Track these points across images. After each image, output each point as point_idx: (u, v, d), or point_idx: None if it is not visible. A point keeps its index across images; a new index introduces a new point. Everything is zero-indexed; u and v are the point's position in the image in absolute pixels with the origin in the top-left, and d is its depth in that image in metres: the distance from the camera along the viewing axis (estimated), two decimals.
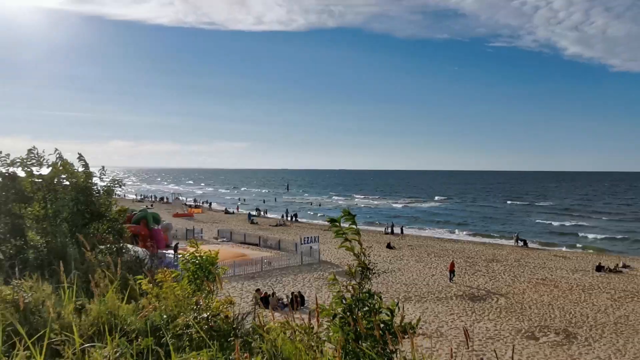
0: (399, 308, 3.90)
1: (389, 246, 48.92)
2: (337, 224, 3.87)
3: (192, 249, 6.10)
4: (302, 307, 25.31)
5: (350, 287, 3.74)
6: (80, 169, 7.71)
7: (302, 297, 27.09)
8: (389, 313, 3.89)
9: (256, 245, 47.53)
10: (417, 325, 3.51)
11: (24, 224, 6.98)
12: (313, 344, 3.57)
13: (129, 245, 12.76)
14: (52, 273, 5.35)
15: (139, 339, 3.60)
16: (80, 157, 7.74)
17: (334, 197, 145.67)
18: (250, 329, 4.36)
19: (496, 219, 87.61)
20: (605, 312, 26.71)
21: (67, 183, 7.65)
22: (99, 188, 8.02)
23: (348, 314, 3.72)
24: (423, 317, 24.78)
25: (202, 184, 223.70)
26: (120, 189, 9.34)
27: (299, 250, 40.59)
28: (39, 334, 3.29)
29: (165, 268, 5.93)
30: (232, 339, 3.72)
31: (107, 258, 6.28)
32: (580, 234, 67.31)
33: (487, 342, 21.46)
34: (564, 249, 54.62)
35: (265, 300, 26.02)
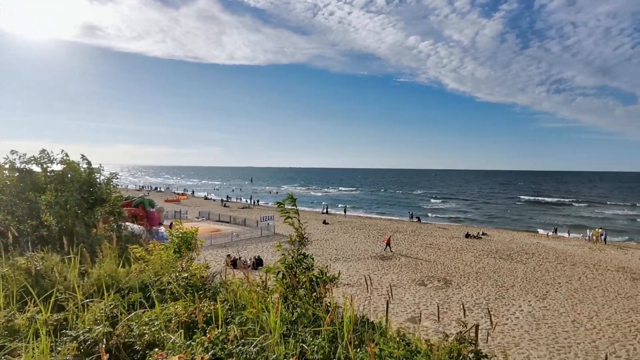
0: (327, 268, 3.95)
1: (324, 222, 49.20)
2: (282, 205, 3.87)
3: (177, 226, 5.91)
4: (260, 268, 24.97)
5: (291, 251, 3.76)
6: (84, 166, 7.27)
7: (260, 260, 26.75)
8: (320, 270, 3.93)
9: (228, 222, 46.40)
10: (338, 278, 3.58)
11: (39, 208, 6.49)
12: (264, 293, 3.56)
13: (128, 224, 12.12)
14: (62, 247, 5.01)
15: (130, 294, 3.45)
16: (83, 157, 7.31)
17: (286, 187, 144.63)
18: (219, 284, 4.28)
19: (400, 202, 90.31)
20: (470, 265, 28.07)
21: (74, 176, 7.18)
22: (101, 180, 7.58)
23: (289, 271, 3.72)
24: (348, 272, 25.16)
25: (189, 178, 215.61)
26: (120, 181, 8.89)
27: (259, 226, 40.05)
28: (47, 294, 3.09)
29: (157, 241, 5.71)
30: (202, 292, 3.65)
31: (108, 234, 5.95)
32: (454, 213, 70.63)
33: (392, 288, 22.01)
34: (445, 222, 57.17)
35: (234, 263, 25.51)
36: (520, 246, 36.45)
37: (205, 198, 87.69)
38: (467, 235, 41.09)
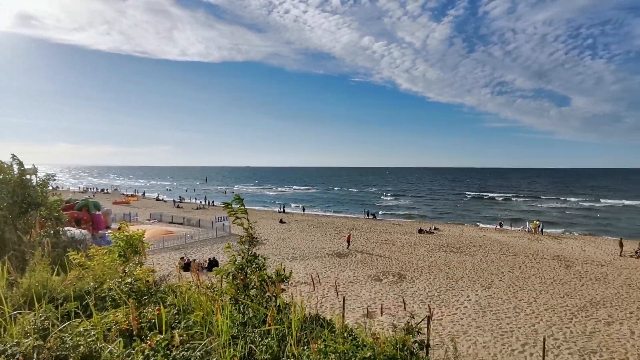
0: (283, 267, 3.91)
1: (281, 221, 48.96)
2: (230, 205, 3.77)
3: (124, 230, 5.59)
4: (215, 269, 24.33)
5: (241, 251, 3.68)
6: (16, 167, 6.64)
7: (216, 261, 26.07)
8: (276, 270, 3.87)
9: (181, 224, 44.76)
10: (289, 277, 3.54)
11: None
12: (213, 295, 3.45)
13: (69, 228, 11.28)
14: None
15: (66, 304, 3.20)
16: (14, 157, 6.67)
17: (239, 186, 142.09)
18: (167, 288, 4.10)
19: (356, 200, 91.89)
20: (422, 260, 29.17)
21: (3, 178, 6.54)
22: (35, 182, 6.98)
23: (240, 271, 3.63)
24: (305, 270, 25.18)
25: (138, 178, 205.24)
26: (60, 182, 8.26)
27: (215, 227, 39.09)
28: None
29: (102, 245, 5.36)
30: (147, 297, 3.47)
31: (43, 239, 5.50)
32: (408, 210, 73.04)
33: (349, 285, 22.35)
34: (399, 219, 58.93)
35: (187, 265, 24.66)
36: (469, 239, 38.41)
37: (157, 199, 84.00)
38: (420, 231, 42.62)
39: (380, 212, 65.82)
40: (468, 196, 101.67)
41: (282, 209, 64.50)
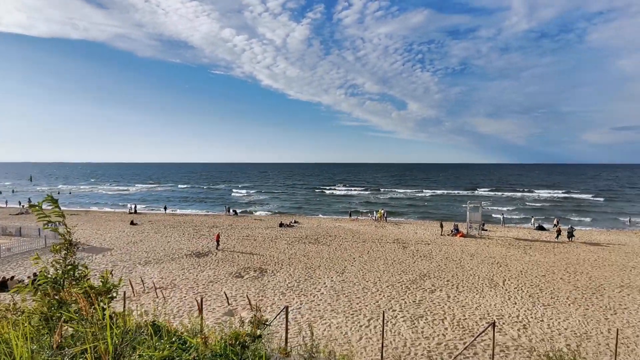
0: (112, 274, 3.43)
1: (132, 223, 44.01)
2: (38, 207, 3.11)
3: None
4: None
5: (55, 262, 3.08)
6: None
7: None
8: (101, 278, 3.36)
9: None
10: (118, 285, 3.12)
11: None
12: (10, 316, 2.80)
13: None
14: None
15: None
16: None
17: (67, 187, 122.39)
18: None
19: (217, 197, 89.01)
20: (283, 252, 30.09)
21: None
22: None
23: (55, 285, 3.04)
24: (160, 274, 23.24)
25: None
26: None
27: (43, 234, 32.66)
28: None
29: None
30: None
31: None
32: (269, 204, 74.36)
33: (209, 284, 21.52)
34: (261, 214, 59.43)
35: (3, 284, 19.99)
36: (326, 230, 41.30)
37: None
38: (281, 225, 43.85)
39: (243, 208, 65.28)
40: (325, 189, 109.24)
41: (132, 209, 58.02)
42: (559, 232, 36.95)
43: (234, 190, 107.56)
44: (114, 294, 3.03)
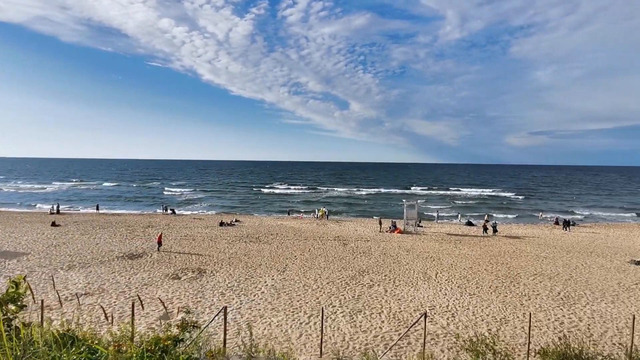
0: (24, 280, 3.12)
1: (54, 224, 40.22)
2: None
3: None
4: None
5: None
6: None
7: None
8: (11, 284, 3.05)
9: None
10: (23, 294, 2.84)
11: None
12: None
13: None
14: None
15: None
16: None
17: None
18: None
19: (152, 195, 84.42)
20: (223, 252, 29.37)
21: None
22: None
23: None
24: (87, 279, 21.55)
25: None
26: None
27: None
28: None
29: None
30: None
31: None
32: (210, 203, 72.14)
33: (143, 288, 20.37)
34: (201, 213, 57.42)
35: None
36: (267, 229, 40.98)
37: None
38: (222, 224, 42.75)
39: (179, 207, 62.61)
40: (266, 187, 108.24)
41: (55, 210, 53.03)
42: (485, 228, 40.15)
43: (168, 188, 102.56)
44: (21, 303, 2.76)
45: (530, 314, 13.64)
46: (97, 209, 57.21)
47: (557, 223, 47.69)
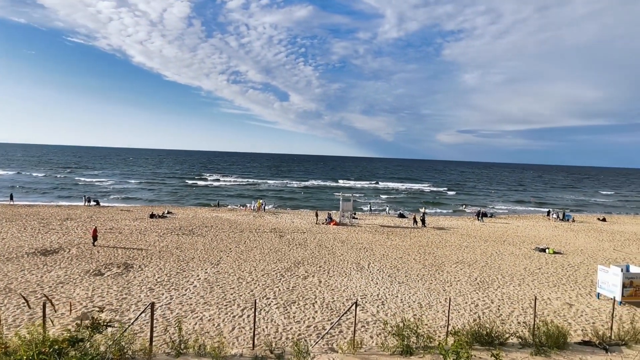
0: None
1: None
2: None
3: None
4: None
5: None
6: None
7: None
8: None
9: None
10: None
11: None
12: None
13: None
14: None
15: None
16: None
17: None
18: None
19: (75, 186, 77.29)
20: (153, 245, 27.87)
21: None
22: None
23: None
24: None
25: None
26: None
27: None
28: None
29: None
30: None
31: None
32: (137, 194, 67.98)
33: (58, 286, 18.67)
34: (128, 204, 53.84)
35: None
36: (202, 221, 39.64)
37: None
38: (152, 216, 40.56)
39: (106, 198, 58.16)
40: (203, 178, 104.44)
41: None
42: (415, 220, 42.61)
43: (89, 178, 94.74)
44: None
45: (450, 298, 14.84)
46: (11, 199, 50.81)
47: (477, 215, 52.21)
